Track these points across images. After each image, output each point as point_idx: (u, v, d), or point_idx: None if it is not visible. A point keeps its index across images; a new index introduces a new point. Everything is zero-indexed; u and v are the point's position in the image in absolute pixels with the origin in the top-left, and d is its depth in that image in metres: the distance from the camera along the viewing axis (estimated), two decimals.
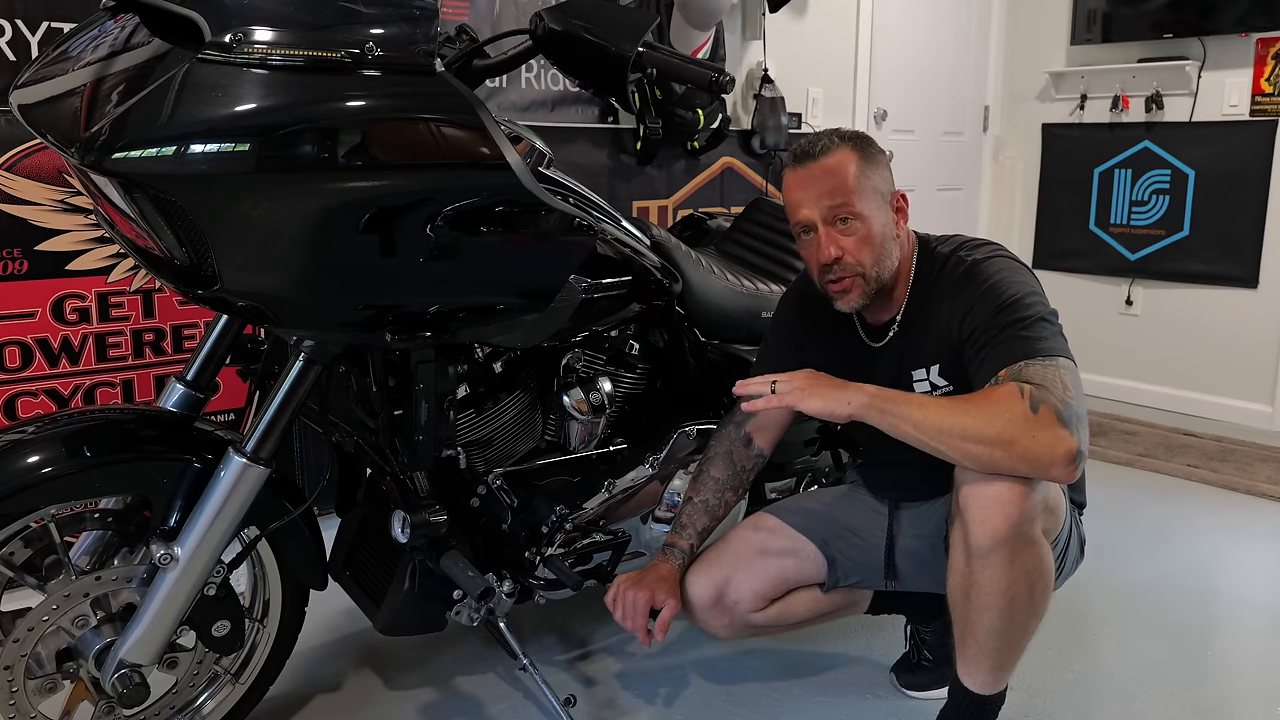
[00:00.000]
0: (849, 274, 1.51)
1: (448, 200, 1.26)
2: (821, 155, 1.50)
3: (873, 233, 1.50)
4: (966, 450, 1.35)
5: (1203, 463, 3.28)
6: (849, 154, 1.50)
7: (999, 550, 1.39)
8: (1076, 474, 1.34)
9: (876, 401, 1.40)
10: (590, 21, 1.42)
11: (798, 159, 1.52)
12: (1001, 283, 1.47)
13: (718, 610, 1.68)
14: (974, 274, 1.51)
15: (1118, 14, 3.90)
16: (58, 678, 1.44)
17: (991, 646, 1.47)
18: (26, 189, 2.05)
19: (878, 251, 1.51)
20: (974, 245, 1.57)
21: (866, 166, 1.50)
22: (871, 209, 1.50)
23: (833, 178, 1.49)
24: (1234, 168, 3.71)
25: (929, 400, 1.41)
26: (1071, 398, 1.34)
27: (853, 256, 1.50)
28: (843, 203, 1.48)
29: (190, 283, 1.23)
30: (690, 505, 1.73)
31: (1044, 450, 1.31)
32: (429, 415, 1.48)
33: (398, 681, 1.90)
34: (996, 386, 1.37)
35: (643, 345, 1.85)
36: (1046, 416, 1.32)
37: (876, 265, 1.51)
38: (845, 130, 1.55)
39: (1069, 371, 1.38)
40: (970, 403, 1.37)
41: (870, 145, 1.53)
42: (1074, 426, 1.32)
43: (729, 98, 3.34)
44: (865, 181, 1.49)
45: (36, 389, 2.11)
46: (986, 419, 1.34)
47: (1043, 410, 1.32)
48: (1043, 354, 1.38)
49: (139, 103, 1.11)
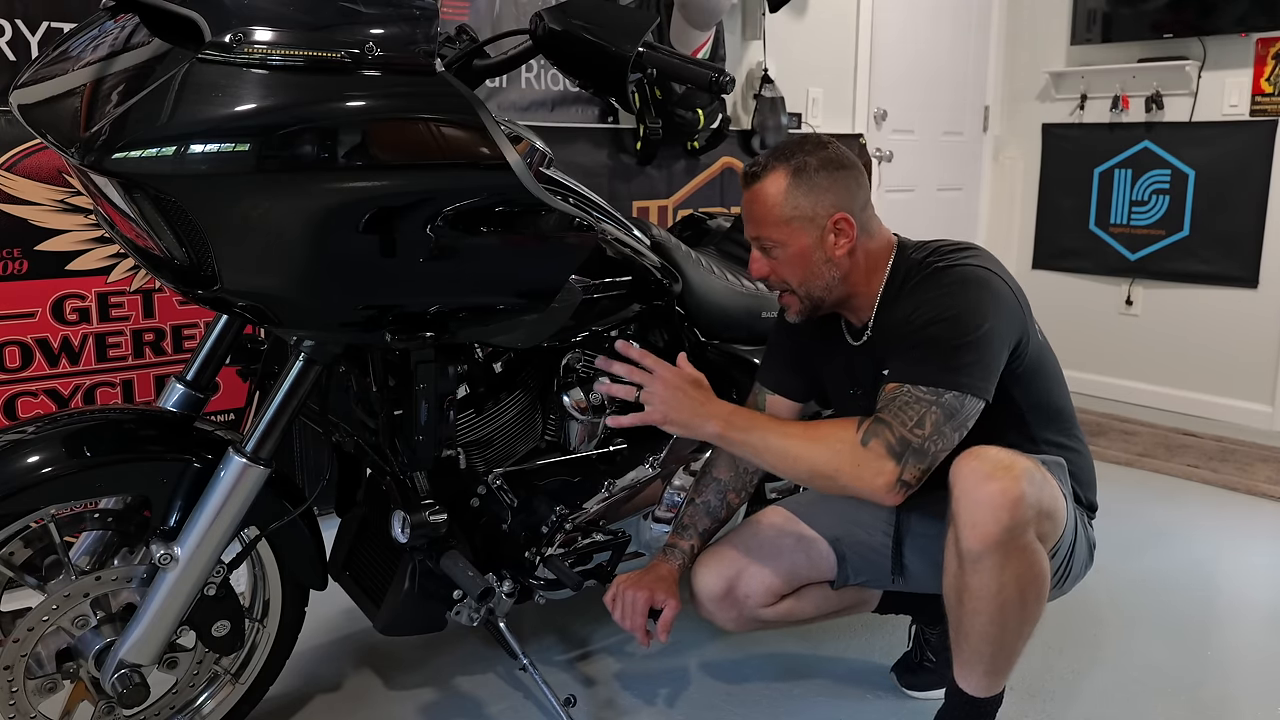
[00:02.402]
0: (781, 290, 1.58)
1: (448, 200, 1.26)
2: (753, 181, 1.53)
3: (795, 256, 1.52)
4: (806, 479, 1.47)
5: (1203, 463, 3.28)
6: (779, 179, 1.50)
7: (989, 555, 1.39)
8: (899, 500, 1.41)
9: (727, 431, 1.47)
10: (590, 21, 1.42)
11: (743, 177, 1.57)
12: (949, 294, 1.47)
13: (728, 603, 1.68)
14: (933, 280, 1.51)
15: (1118, 14, 3.90)
16: (58, 678, 1.43)
17: (984, 651, 1.48)
18: (26, 189, 2.05)
19: (804, 273, 1.54)
20: (948, 250, 1.55)
21: (795, 191, 1.49)
22: (793, 235, 1.51)
23: (757, 205, 1.53)
24: (1234, 168, 3.71)
25: (775, 428, 1.49)
26: (923, 435, 1.40)
27: (778, 277, 1.56)
28: (763, 234, 1.54)
29: (190, 283, 1.23)
30: (692, 506, 1.73)
31: (867, 480, 1.40)
32: (429, 415, 1.48)
33: (398, 681, 1.90)
34: (835, 420, 1.49)
35: (643, 345, 1.84)
36: (875, 449, 1.40)
37: (804, 285, 1.55)
38: (790, 145, 1.53)
39: (943, 409, 1.40)
40: (809, 433, 1.47)
41: (808, 169, 1.50)
42: (904, 458, 1.39)
43: (729, 98, 3.34)
44: (789, 209, 1.50)
45: (36, 389, 2.11)
46: (818, 451, 1.43)
47: (874, 444, 1.40)
48: (934, 384, 1.41)
49: (139, 103, 1.10)
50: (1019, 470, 1.39)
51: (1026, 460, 1.43)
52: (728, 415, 1.47)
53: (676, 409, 1.46)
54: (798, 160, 1.51)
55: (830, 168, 1.51)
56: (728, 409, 1.48)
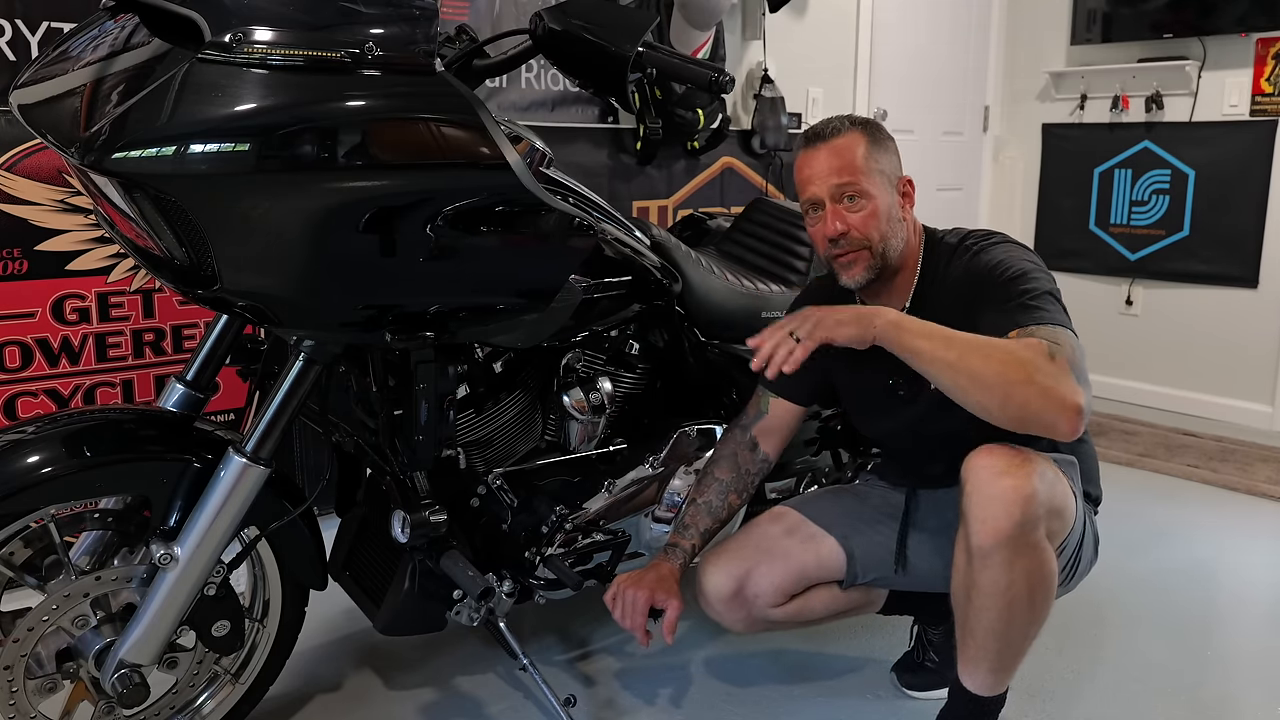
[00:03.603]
0: (855, 248, 1.55)
1: (448, 200, 1.26)
2: (832, 136, 1.55)
3: (879, 210, 1.54)
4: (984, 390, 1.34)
5: (1203, 463, 3.28)
6: (858, 136, 1.55)
7: (999, 551, 1.39)
8: (1078, 430, 1.34)
9: (902, 321, 1.42)
10: (590, 21, 1.42)
11: (808, 140, 1.58)
12: (1008, 260, 1.52)
13: (736, 603, 1.67)
14: (983, 258, 1.54)
15: (1118, 14, 3.90)
16: (58, 678, 1.44)
17: (990, 648, 1.48)
18: (26, 189, 2.05)
19: (884, 229, 1.55)
20: (980, 235, 1.61)
21: (874, 149, 1.55)
22: (878, 189, 1.54)
23: (840, 157, 1.54)
24: (1234, 168, 3.71)
25: (950, 333, 1.39)
26: (1079, 361, 1.37)
27: (859, 231, 1.54)
28: (850, 181, 1.53)
29: (190, 283, 1.23)
30: (693, 506, 1.72)
31: (1060, 394, 1.32)
32: (429, 415, 1.48)
33: (398, 681, 1.90)
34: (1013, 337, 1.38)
35: (643, 345, 1.85)
36: (1063, 366, 1.34)
37: (883, 241, 1.55)
38: (856, 116, 1.60)
39: (1076, 345, 1.40)
40: (990, 342, 1.37)
41: (879, 131, 1.58)
42: (1084, 384, 1.35)
43: (729, 98, 3.34)
44: (872, 163, 1.54)
45: (36, 389, 2.11)
46: (1010, 349, 1.35)
47: (1059, 360, 1.34)
48: (1051, 323, 1.41)
49: (139, 103, 1.11)
50: (1031, 467, 1.39)
51: (1039, 457, 1.43)
52: (895, 313, 1.44)
53: (837, 315, 1.43)
54: (866, 123, 1.57)
55: (887, 136, 1.59)
56: (891, 311, 1.44)
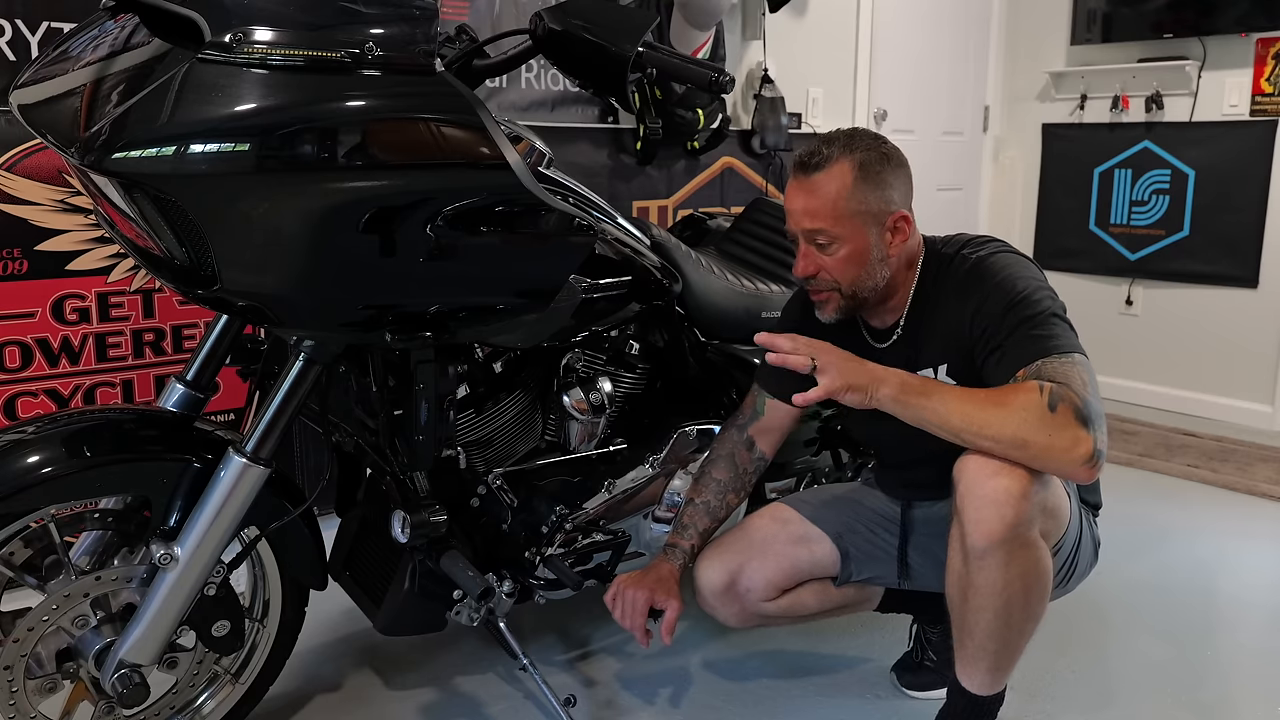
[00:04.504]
0: (825, 289, 1.53)
1: (448, 200, 1.26)
2: (815, 170, 1.47)
3: (854, 254, 1.49)
4: (985, 448, 1.36)
5: (1203, 463, 3.28)
6: (845, 170, 1.46)
7: (995, 552, 1.39)
8: (1095, 474, 1.34)
9: (902, 394, 1.40)
10: (590, 21, 1.42)
11: (796, 167, 1.51)
12: (1009, 279, 1.47)
13: (729, 597, 1.68)
14: (980, 271, 1.50)
15: (1118, 14, 3.90)
16: (58, 678, 1.44)
17: (988, 648, 1.48)
18: (26, 189, 2.05)
19: (857, 272, 1.50)
20: (978, 243, 1.56)
21: (861, 185, 1.46)
22: (853, 232, 1.48)
23: (817, 198, 1.47)
24: (1234, 168, 3.71)
25: (953, 393, 1.40)
26: (1090, 396, 1.34)
27: (829, 274, 1.51)
28: (821, 228, 1.48)
29: (190, 283, 1.23)
30: (692, 506, 1.72)
31: (1060, 451, 1.32)
32: (429, 415, 1.48)
33: (398, 681, 1.90)
34: (1016, 384, 1.37)
35: (643, 345, 1.85)
36: (1064, 415, 1.32)
37: (855, 284, 1.51)
38: (859, 137, 1.50)
39: (1085, 369, 1.38)
40: (989, 399, 1.37)
41: (875, 161, 1.48)
42: (1093, 426, 1.32)
43: (729, 98, 3.34)
44: (853, 203, 1.46)
45: (36, 389, 2.11)
46: (1004, 417, 1.34)
47: (1061, 409, 1.32)
48: (1058, 351, 1.38)
49: (139, 103, 1.11)
50: (1024, 467, 1.39)
51: None
52: (901, 379, 1.42)
53: (853, 375, 1.41)
54: (863, 153, 1.47)
55: (893, 163, 1.49)
56: (900, 373, 1.43)
